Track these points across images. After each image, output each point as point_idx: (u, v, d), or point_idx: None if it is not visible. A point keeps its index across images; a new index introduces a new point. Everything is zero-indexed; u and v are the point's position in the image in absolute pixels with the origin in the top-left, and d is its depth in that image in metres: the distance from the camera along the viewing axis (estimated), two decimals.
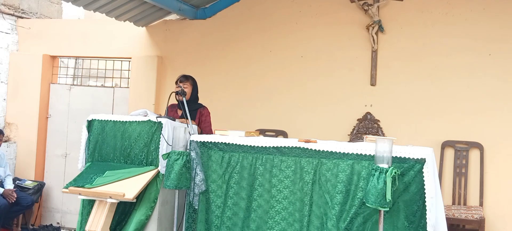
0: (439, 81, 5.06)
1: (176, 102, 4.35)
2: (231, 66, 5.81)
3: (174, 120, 3.89)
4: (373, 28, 5.21)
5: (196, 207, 3.64)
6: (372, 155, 3.11)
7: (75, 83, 7.03)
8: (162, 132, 3.66)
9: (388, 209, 2.87)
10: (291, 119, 5.50)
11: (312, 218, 3.28)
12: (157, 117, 3.74)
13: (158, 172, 3.66)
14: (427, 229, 2.97)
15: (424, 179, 3.00)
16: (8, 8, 6.69)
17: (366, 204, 2.94)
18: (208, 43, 5.94)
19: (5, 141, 6.39)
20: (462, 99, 4.98)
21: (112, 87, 6.44)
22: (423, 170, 3.00)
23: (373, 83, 5.27)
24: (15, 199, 5.58)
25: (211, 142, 3.62)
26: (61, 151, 6.51)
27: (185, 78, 4.37)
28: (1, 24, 6.55)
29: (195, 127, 4.01)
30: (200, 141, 3.64)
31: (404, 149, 3.09)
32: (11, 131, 6.56)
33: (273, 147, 3.44)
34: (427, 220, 2.97)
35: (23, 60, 6.59)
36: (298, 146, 3.37)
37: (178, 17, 6.18)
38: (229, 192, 3.55)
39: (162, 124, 3.68)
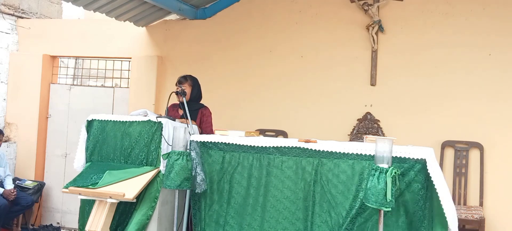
0: (439, 81, 5.06)
1: (178, 102, 4.35)
2: (231, 66, 5.81)
3: (174, 120, 3.89)
4: (373, 28, 5.22)
5: (197, 207, 3.64)
6: (372, 155, 3.11)
7: (75, 83, 7.04)
8: (162, 132, 3.66)
9: (388, 209, 2.87)
10: (291, 119, 5.51)
11: (314, 218, 3.28)
12: (157, 117, 3.74)
13: (159, 171, 3.66)
14: (450, 227, 2.96)
15: (432, 178, 2.99)
16: (8, 8, 6.69)
17: (366, 204, 2.94)
18: (208, 43, 5.94)
19: (5, 141, 6.39)
20: (462, 99, 4.98)
21: (112, 87, 6.44)
22: (429, 171, 2.99)
23: (373, 83, 5.27)
24: (15, 197, 5.59)
25: (211, 142, 3.62)
26: (61, 151, 6.51)
27: (184, 79, 4.36)
28: (1, 24, 6.55)
29: (195, 127, 4.01)
30: (200, 141, 3.64)
31: (404, 149, 3.09)
32: (11, 131, 6.56)
33: (273, 147, 3.44)
34: (447, 219, 2.95)
35: (23, 60, 6.59)
36: (298, 146, 3.37)
37: (178, 17, 6.18)
38: (230, 192, 3.55)
39: (162, 124, 3.69)
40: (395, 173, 2.87)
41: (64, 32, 6.62)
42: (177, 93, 4.14)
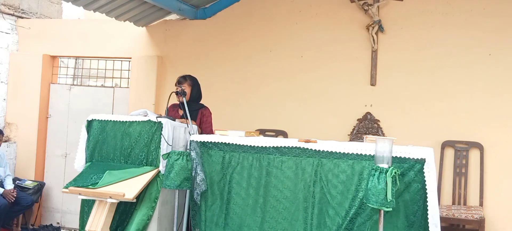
0: (439, 81, 5.06)
1: (178, 102, 4.35)
2: (231, 66, 5.81)
3: (174, 120, 3.89)
4: (373, 28, 5.22)
5: (197, 207, 3.64)
6: (372, 155, 3.11)
7: (75, 83, 7.04)
8: (162, 132, 3.66)
9: (389, 209, 2.87)
10: (291, 119, 5.50)
11: (314, 218, 3.28)
12: (157, 117, 3.74)
13: (159, 171, 3.66)
14: (430, 228, 2.97)
15: (425, 178, 3.00)
16: (8, 8, 6.69)
17: (367, 204, 2.94)
18: (208, 43, 5.94)
19: (5, 141, 6.39)
20: (462, 99, 4.98)
21: (112, 87, 6.44)
22: (424, 170, 3.01)
23: (373, 83, 5.27)
24: (14, 198, 5.59)
25: (211, 142, 3.62)
26: (61, 151, 6.51)
27: (184, 79, 4.36)
28: (1, 24, 6.55)
29: (195, 127, 4.01)
30: (200, 141, 3.64)
31: (404, 149, 3.09)
32: (11, 131, 6.56)
33: (273, 147, 3.44)
34: (429, 219, 2.97)
35: (23, 60, 6.59)
36: (298, 146, 3.37)
37: (178, 17, 6.18)
38: (229, 192, 3.55)
39: (162, 123, 3.68)
40: (395, 173, 2.87)
41: (64, 32, 6.62)
42: (177, 93, 4.14)
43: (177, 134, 3.57)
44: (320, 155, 3.30)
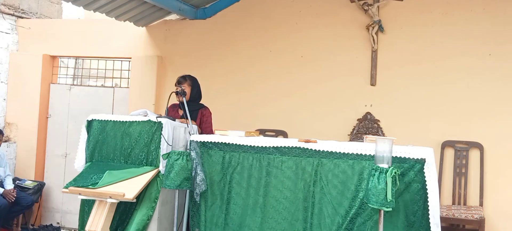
0: (439, 81, 5.06)
1: (178, 102, 4.35)
2: (231, 66, 5.81)
3: (174, 120, 3.89)
4: (373, 28, 5.21)
5: (196, 207, 3.64)
6: (372, 155, 3.11)
7: (75, 83, 7.03)
8: (162, 132, 3.66)
9: (389, 209, 2.87)
10: (291, 119, 5.50)
11: (314, 218, 3.28)
12: (157, 117, 3.74)
13: (159, 171, 3.66)
14: (431, 228, 2.97)
15: (425, 179, 3.00)
16: (8, 8, 6.69)
17: (367, 204, 2.94)
18: (208, 43, 5.93)
19: (5, 141, 6.39)
20: (462, 99, 4.98)
21: (112, 87, 6.44)
22: (424, 170, 3.01)
23: (373, 84, 5.27)
24: (14, 198, 5.59)
25: (211, 142, 3.62)
26: (61, 151, 6.51)
27: (184, 79, 4.36)
28: (1, 24, 6.55)
29: (195, 127, 4.01)
30: (200, 141, 3.64)
31: (404, 149, 3.09)
32: (11, 131, 6.56)
33: (273, 147, 3.44)
34: (431, 219, 2.97)
35: (23, 60, 6.59)
36: (298, 146, 3.37)
37: (178, 17, 6.17)
38: (229, 192, 3.55)
39: (162, 123, 3.69)
40: (395, 173, 2.87)
41: (64, 32, 6.62)
42: (177, 93, 4.14)
43: (177, 134, 3.57)
44: (320, 155, 3.30)
